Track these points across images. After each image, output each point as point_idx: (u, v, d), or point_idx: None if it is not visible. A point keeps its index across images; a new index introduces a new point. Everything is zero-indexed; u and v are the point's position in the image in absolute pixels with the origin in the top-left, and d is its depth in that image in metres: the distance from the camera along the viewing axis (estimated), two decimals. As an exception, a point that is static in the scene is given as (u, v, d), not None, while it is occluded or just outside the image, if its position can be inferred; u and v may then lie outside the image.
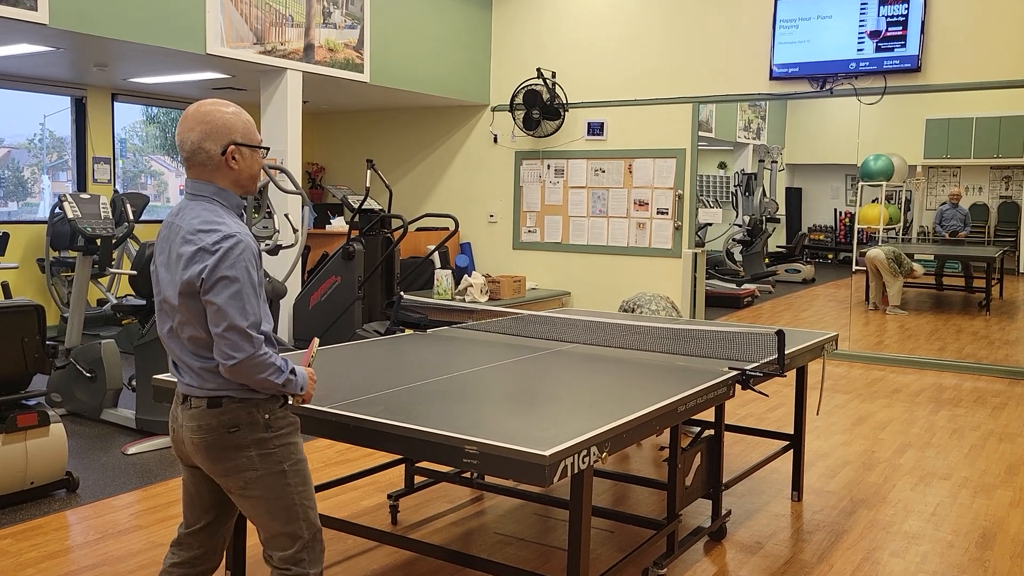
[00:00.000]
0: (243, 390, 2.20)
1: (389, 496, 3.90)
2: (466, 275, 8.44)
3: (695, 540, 3.50)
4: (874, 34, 7.35)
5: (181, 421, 2.27)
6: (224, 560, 2.90)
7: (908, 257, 9.84)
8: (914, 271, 9.90)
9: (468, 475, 3.97)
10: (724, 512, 3.70)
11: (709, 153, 12.97)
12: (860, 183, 10.65)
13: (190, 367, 2.22)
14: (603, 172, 8.86)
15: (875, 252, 9.72)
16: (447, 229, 9.00)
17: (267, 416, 2.23)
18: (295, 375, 2.24)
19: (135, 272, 5.37)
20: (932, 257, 10.74)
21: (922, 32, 7.19)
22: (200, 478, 2.38)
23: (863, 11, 7.39)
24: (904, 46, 7.24)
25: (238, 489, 2.25)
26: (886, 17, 7.31)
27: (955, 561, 3.53)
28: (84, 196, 5.67)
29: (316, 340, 2.45)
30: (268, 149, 2.39)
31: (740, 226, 12.31)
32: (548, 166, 9.16)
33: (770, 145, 12.81)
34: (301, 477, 2.29)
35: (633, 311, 5.25)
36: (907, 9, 7.21)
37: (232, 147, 2.19)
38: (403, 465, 4.09)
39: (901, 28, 7.25)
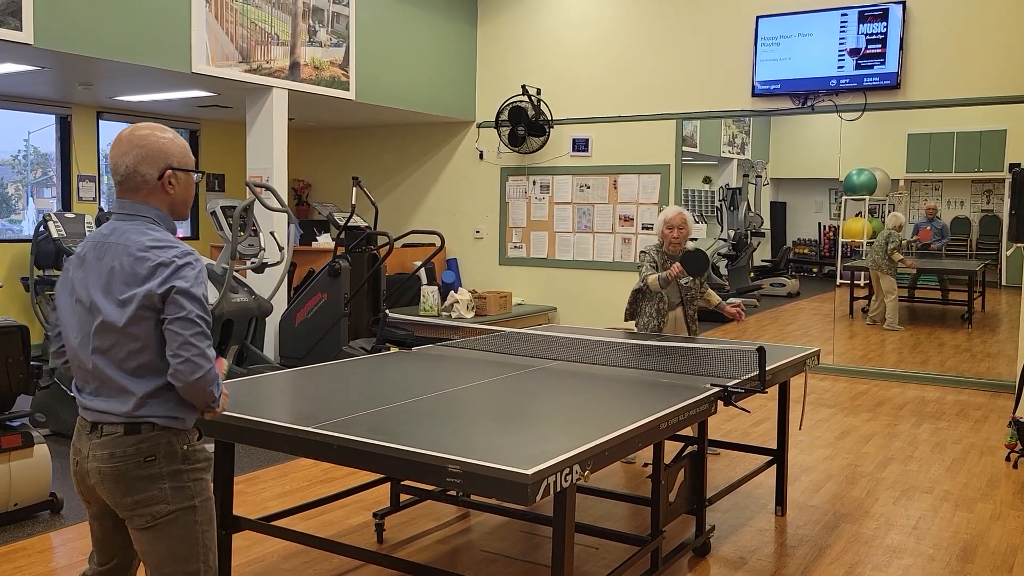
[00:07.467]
0: (166, 417, 2.13)
1: (375, 515, 3.91)
2: (452, 291, 8.46)
3: (679, 556, 3.52)
4: (854, 52, 7.44)
5: (87, 452, 2.15)
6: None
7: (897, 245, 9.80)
8: (900, 257, 9.85)
9: (453, 493, 3.98)
10: (708, 527, 3.72)
11: (694, 168, 13.06)
12: (843, 197, 10.74)
13: (117, 387, 2.12)
14: (588, 188, 8.91)
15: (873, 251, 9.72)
16: (433, 245, 9.02)
17: (185, 447, 2.18)
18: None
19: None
20: (914, 270, 10.83)
21: (901, 50, 7.29)
22: (110, 518, 2.26)
23: (843, 29, 7.49)
24: (883, 63, 7.34)
25: (144, 523, 2.14)
26: (865, 35, 7.41)
27: (936, 574, 3.57)
28: (69, 215, 5.69)
29: (223, 360, 2.39)
30: (203, 174, 2.41)
31: (725, 240, 12.39)
32: (534, 182, 9.21)
33: (754, 160, 12.90)
34: (208, 515, 2.21)
35: None
36: (886, 27, 7.31)
37: (169, 171, 2.20)
38: (388, 483, 4.10)
39: (880, 46, 7.35)
